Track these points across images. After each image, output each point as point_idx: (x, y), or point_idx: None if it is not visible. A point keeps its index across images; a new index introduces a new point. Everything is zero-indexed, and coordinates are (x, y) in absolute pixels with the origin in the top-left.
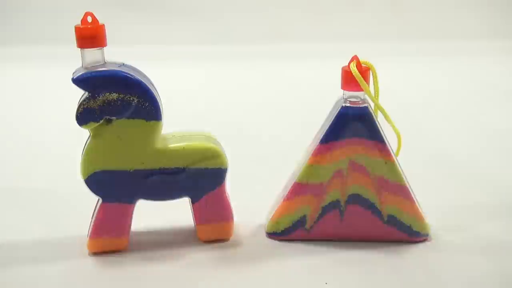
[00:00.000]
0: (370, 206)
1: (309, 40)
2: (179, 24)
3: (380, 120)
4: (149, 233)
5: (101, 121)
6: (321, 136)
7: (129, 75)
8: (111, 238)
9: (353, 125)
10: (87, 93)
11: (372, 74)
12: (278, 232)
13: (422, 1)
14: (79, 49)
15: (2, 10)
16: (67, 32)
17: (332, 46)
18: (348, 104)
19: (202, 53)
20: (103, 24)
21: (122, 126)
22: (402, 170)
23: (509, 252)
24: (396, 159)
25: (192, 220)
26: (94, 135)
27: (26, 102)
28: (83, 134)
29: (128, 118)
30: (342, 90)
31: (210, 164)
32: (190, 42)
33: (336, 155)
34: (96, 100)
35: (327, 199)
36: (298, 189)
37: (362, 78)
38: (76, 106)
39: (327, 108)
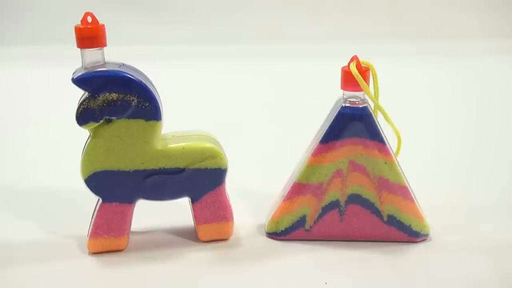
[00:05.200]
0: (370, 206)
1: (309, 40)
2: (178, 24)
3: (380, 120)
4: (149, 233)
5: (101, 121)
6: (321, 136)
7: (129, 75)
8: (111, 238)
9: (353, 125)
10: (87, 93)
11: (372, 74)
12: (278, 232)
13: (422, 1)
14: (79, 49)
15: (2, 10)
16: (67, 32)
17: (332, 46)
18: (348, 104)
19: (202, 53)
20: (103, 24)
21: (122, 126)
22: (402, 170)
23: (509, 252)
24: (396, 159)
25: (192, 220)
26: (94, 135)
27: (26, 102)
28: (83, 134)
29: (128, 118)
30: (342, 90)
31: (210, 164)
32: (190, 42)
33: (336, 155)
34: (96, 100)
35: (327, 199)
36: (298, 189)
37: (361, 78)
38: (76, 106)
39: (327, 108)
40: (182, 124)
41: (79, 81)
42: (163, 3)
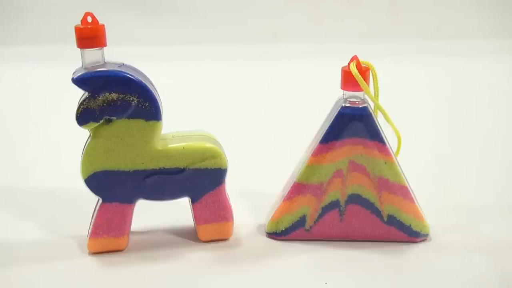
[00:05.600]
0: (370, 206)
1: (309, 40)
2: (178, 24)
3: (380, 120)
4: (149, 233)
5: (101, 121)
6: (321, 136)
7: (129, 75)
8: (111, 238)
9: (353, 125)
10: (87, 93)
11: (372, 74)
12: (278, 232)
13: (422, 1)
14: (79, 49)
15: (2, 10)
16: (67, 32)
17: (332, 46)
18: (348, 104)
19: (202, 53)
20: (103, 24)
21: (122, 126)
22: (402, 170)
23: (509, 252)
24: (396, 159)
25: (192, 220)
26: (94, 135)
27: (26, 102)
28: (83, 134)
29: (128, 118)
30: (342, 90)
31: (210, 164)
32: (190, 42)
33: (335, 155)
34: (96, 100)
35: (327, 199)
36: (298, 189)
37: (361, 78)
38: (76, 106)
39: (327, 108)
40: (182, 124)
41: (79, 81)
42: (163, 3)
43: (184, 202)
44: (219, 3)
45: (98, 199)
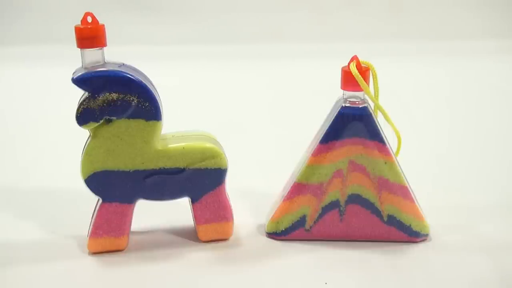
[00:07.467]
0: (370, 206)
1: (309, 40)
2: (178, 24)
3: (380, 120)
4: (149, 233)
5: (101, 121)
6: (321, 136)
7: (129, 75)
8: (111, 238)
9: (353, 125)
10: (87, 93)
11: (372, 74)
12: (278, 232)
13: (422, 1)
14: (79, 49)
15: (2, 10)
16: (67, 32)
17: (332, 46)
18: (348, 104)
19: (202, 53)
20: (103, 24)
21: (122, 126)
22: (402, 170)
23: (509, 252)
24: (396, 159)
25: (192, 220)
26: (94, 135)
27: (26, 102)
28: (83, 134)
29: (128, 118)
30: (342, 90)
31: (210, 164)
32: (190, 42)
33: (336, 155)
34: (96, 100)
35: (327, 199)
36: (298, 189)
37: (361, 78)
38: (76, 106)
39: (327, 108)
40: (182, 124)
41: (79, 81)
42: (163, 3)
43: (184, 202)
44: (219, 3)
45: (98, 199)
